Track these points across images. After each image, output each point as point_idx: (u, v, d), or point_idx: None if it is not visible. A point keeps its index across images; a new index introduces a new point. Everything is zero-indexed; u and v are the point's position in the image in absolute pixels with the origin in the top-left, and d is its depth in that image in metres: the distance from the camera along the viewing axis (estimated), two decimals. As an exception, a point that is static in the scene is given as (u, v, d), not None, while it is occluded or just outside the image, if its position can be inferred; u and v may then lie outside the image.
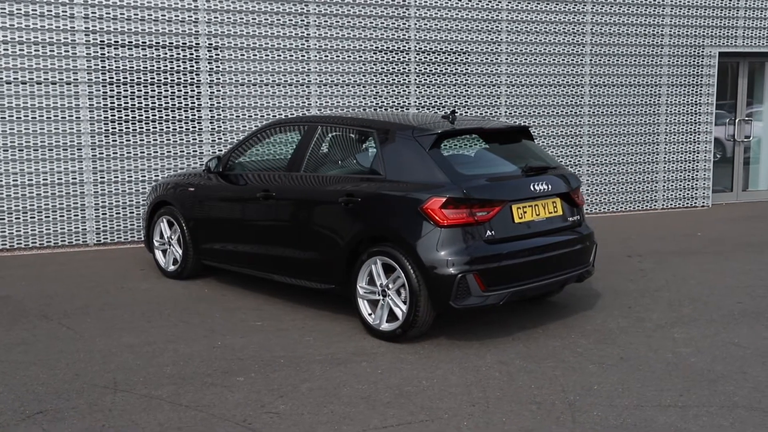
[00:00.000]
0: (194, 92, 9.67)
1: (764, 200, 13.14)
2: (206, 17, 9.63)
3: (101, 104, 9.32)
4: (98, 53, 9.22)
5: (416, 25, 10.62)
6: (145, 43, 9.38)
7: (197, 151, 9.71)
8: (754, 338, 6.03)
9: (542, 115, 11.48)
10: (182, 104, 9.63)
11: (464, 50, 10.96)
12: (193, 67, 9.63)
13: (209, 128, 9.80)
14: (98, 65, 9.23)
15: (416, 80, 10.72)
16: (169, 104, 9.57)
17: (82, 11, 9.10)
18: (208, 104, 9.76)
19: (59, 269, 8.28)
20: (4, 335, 6.06)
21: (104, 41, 9.23)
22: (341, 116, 6.91)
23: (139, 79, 9.41)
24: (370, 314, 6.04)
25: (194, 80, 9.65)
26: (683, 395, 4.92)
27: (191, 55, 9.60)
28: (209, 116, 9.79)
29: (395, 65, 10.61)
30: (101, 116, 9.35)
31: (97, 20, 9.16)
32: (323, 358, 5.59)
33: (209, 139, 9.78)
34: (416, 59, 10.69)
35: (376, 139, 6.26)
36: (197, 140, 9.76)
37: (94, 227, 9.43)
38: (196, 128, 9.74)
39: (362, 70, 10.43)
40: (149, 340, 5.97)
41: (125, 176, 9.48)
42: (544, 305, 6.90)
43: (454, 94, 10.94)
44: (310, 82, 10.18)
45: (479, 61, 11.06)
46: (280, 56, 10.00)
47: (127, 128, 9.44)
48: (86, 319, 6.50)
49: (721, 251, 9.19)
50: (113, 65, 9.30)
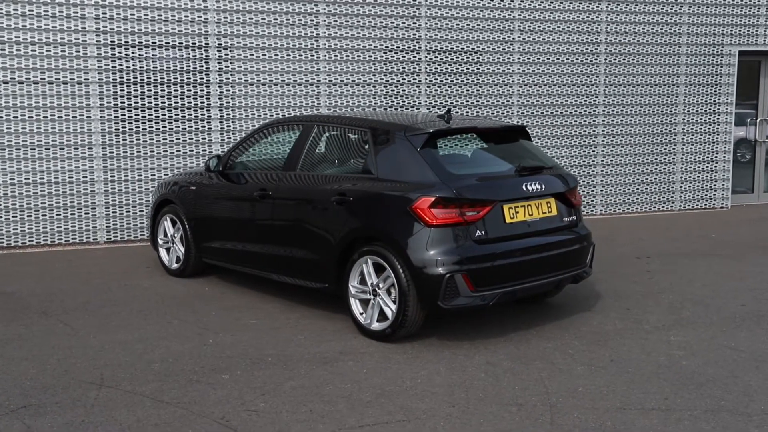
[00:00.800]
0: (204, 92, 9.75)
1: (786, 202, 12.91)
2: (216, 17, 9.70)
3: (112, 104, 9.43)
4: (109, 53, 9.33)
5: (427, 24, 10.60)
6: (155, 43, 9.47)
7: (206, 150, 9.78)
8: (752, 342, 5.92)
9: (556, 114, 11.38)
10: (192, 104, 9.72)
11: (476, 50, 10.91)
12: (202, 66, 9.71)
13: (218, 128, 9.87)
14: (109, 65, 9.35)
15: (427, 80, 10.69)
16: (178, 104, 9.65)
17: (92, 12, 9.22)
18: (217, 104, 9.83)
19: (67, 266, 8.39)
20: (2, 330, 6.16)
21: (115, 41, 9.35)
22: (337, 116, 6.92)
23: (149, 78, 9.51)
24: (361, 313, 6.04)
25: (204, 80, 9.72)
26: (668, 398, 4.85)
27: (201, 55, 9.67)
28: (218, 116, 9.87)
29: (406, 65, 10.59)
30: (112, 116, 9.46)
31: (107, 21, 9.27)
32: (311, 356, 5.60)
33: (218, 138, 9.85)
34: (427, 59, 10.66)
35: (369, 138, 6.25)
36: (206, 140, 9.83)
37: (104, 225, 9.55)
38: (205, 128, 9.82)
39: (372, 69, 10.43)
40: (142, 336, 6.02)
41: (135, 175, 9.59)
42: (542, 306, 6.84)
43: (465, 93, 10.90)
44: (319, 81, 10.21)
45: (491, 60, 11.00)
46: (289, 56, 10.04)
47: (137, 127, 9.55)
48: (84, 315, 6.58)
49: (733, 253, 9.04)
50: (124, 65, 9.40)
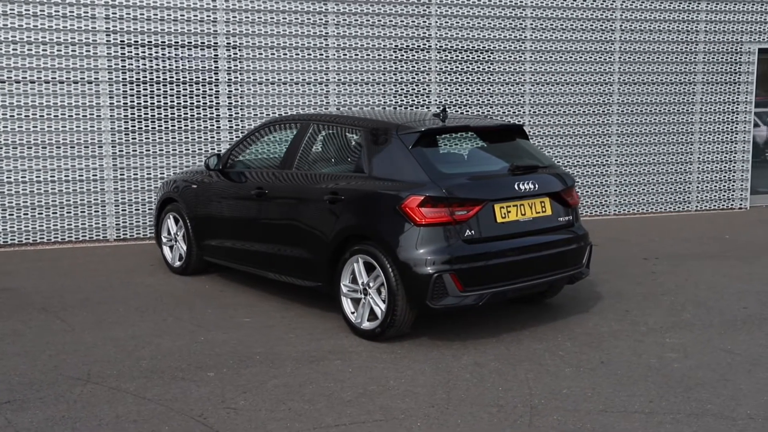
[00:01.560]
0: (213, 91, 9.81)
1: (807, 202, 12.65)
2: (225, 17, 9.75)
3: (121, 103, 9.53)
4: (119, 53, 9.43)
5: (437, 23, 10.55)
6: (164, 42, 9.55)
7: (216, 149, 9.84)
8: (748, 345, 5.80)
9: (568, 114, 11.27)
10: (201, 103, 9.78)
11: (487, 48, 10.84)
12: (212, 66, 9.77)
13: (227, 127, 9.92)
14: (118, 65, 9.44)
15: (437, 79, 10.65)
16: (188, 103, 9.72)
17: (103, 12, 9.31)
18: (226, 103, 9.89)
19: (74, 263, 8.49)
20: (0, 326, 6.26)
21: (125, 41, 9.44)
22: (332, 114, 6.92)
23: (158, 78, 9.59)
24: (352, 312, 6.03)
25: (213, 79, 9.78)
26: (653, 401, 4.77)
27: (210, 54, 9.74)
28: (227, 115, 9.92)
29: (416, 64, 10.56)
30: (121, 115, 9.56)
31: (117, 21, 9.37)
32: (299, 355, 5.60)
33: (227, 137, 9.90)
34: (437, 57, 10.62)
35: (362, 137, 6.24)
36: (216, 139, 9.89)
37: (114, 223, 9.65)
38: (214, 127, 9.88)
39: (382, 68, 10.42)
40: (136, 333, 6.07)
41: (145, 174, 9.68)
42: (539, 307, 6.77)
43: (476, 92, 10.84)
44: (328, 80, 10.22)
45: (502, 59, 10.92)
46: (298, 55, 10.06)
47: (146, 126, 9.64)
48: (82, 312, 6.65)
49: (744, 255, 8.87)
50: (133, 65, 9.49)
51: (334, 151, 6.72)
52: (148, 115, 9.61)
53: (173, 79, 9.63)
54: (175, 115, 9.70)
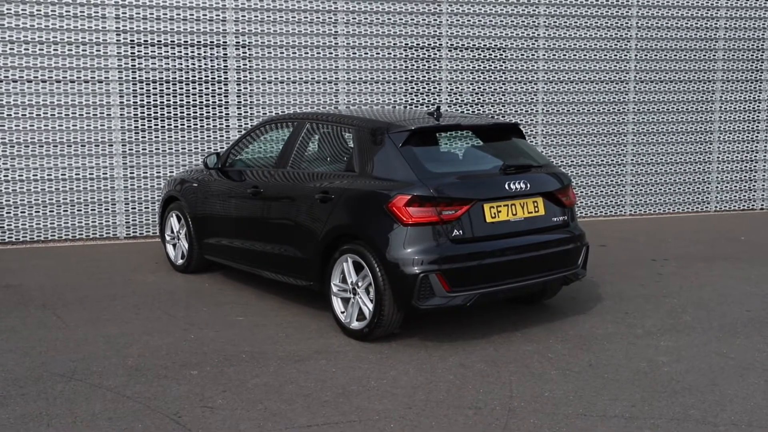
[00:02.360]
0: (222, 90, 9.85)
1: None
2: (234, 16, 9.78)
3: (131, 102, 9.61)
4: (129, 52, 9.51)
5: (448, 21, 10.48)
6: (174, 41, 9.61)
7: (225, 148, 9.88)
8: (745, 349, 5.66)
9: (582, 113, 11.12)
10: (210, 102, 9.83)
11: (499, 46, 10.74)
12: (221, 65, 9.81)
13: (237, 126, 9.95)
14: (129, 64, 9.52)
15: (448, 77, 10.58)
16: (197, 102, 9.78)
17: (113, 12, 9.40)
18: (235, 102, 9.92)
19: (80, 261, 8.58)
20: (-4, 322, 6.35)
21: (134, 40, 9.52)
22: (326, 113, 6.90)
23: (168, 77, 9.65)
24: (342, 312, 6.00)
25: (222, 78, 9.82)
26: (635, 406, 4.67)
27: (219, 53, 9.78)
28: (237, 114, 9.95)
29: (426, 62, 10.49)
30: (131, 114, 9.64)
31: (127, 20, 9.45)
32: (285, 354, 5.58)
33: (237, 136, 9.93)
34: (448, 56, 10.55)
35: (354, 136, 6.21)
36: (225, 138, 9.93)
37: (123, 221, 9.74)
38: (224, 126, 9.92)
39: (392, 67, 10.37)
40: (128, 331, 6.11)
41: (154, 172, 9.75)
42: (536, 308, 6.68)
43: (487, 91, 10.74)
44: (338, 79, 10.20)
45: (515, 57, 10.81)
46: (308, 54, 10.06)
47: (156, 125, 9.71)
48: (80, 309, 6.71)
49: (756, 257, 8.67)
50: (143, 64, 9.57)
51: (326, 150, 6.70)
52: (157, 113, 9.68)
53: (183, 78, 9.68)
54: (184, 114, 9.76)
